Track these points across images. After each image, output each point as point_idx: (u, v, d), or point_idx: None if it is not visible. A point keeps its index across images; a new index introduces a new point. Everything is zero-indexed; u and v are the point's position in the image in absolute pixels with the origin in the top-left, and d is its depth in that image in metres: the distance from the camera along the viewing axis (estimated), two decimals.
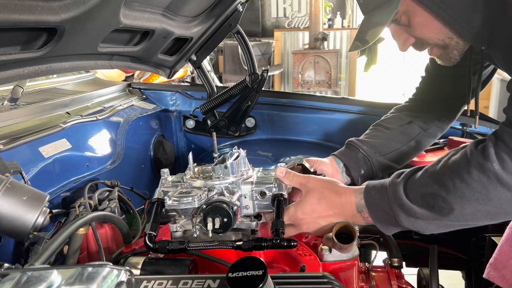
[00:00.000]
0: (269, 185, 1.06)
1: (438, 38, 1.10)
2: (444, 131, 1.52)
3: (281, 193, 1.06)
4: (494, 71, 1.38)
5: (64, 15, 0.98)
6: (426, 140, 1.47)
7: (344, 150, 1.42)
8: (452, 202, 0.89)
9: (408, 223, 0.96)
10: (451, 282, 2.00)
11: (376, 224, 1.02)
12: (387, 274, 1.28)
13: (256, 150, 2.18)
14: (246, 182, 1.07)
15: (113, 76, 4.31)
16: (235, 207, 1.01)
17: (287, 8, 9.53)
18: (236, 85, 2.06)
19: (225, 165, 1.06)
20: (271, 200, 1.06)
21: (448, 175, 0.89)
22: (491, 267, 1.14)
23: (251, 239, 1.00)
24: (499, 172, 0.83)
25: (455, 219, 0.91)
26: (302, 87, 7.28)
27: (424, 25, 1.08)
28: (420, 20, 1.07)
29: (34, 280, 0.62)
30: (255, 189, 1.07)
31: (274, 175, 1.10)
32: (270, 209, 1.07)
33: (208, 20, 1.64)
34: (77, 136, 1.63)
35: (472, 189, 0.86)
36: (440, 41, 1.10)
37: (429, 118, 1.46)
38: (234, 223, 1.01)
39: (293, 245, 0.97)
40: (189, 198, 1.00)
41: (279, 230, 0.99)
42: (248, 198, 1.07)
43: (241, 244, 0.99)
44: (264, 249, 0.98)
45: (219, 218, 0.98)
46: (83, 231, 1.16)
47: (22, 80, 1.59)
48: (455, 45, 1.11)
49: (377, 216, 1.01)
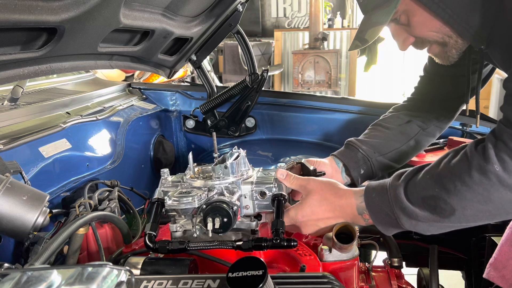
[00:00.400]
0: (269, 185, 1.06)
1: (438, 36, 1.10)
2: (443, 130, 1.52)
3: (281, 193, 1.06)
4: (493, 70, 1.38)
5: (64, 15, 0.98)
6: (425, 139, 1.47)
7: (343, 150, 1.42)
8: (453, 204, 0.89)
9: (409, 225, 0.97)
10: (451, 282, 2.00)
11: (377, 226, 1.02)
12: (387, 274, 1.28)
13: (256, 150, 2.18)
14: (246, 182, 1.07)
15: (113, 76, 4.31)
16: (235, 207, 1.01)
17: (287, 8, 9.52)
18: (236, 85, 2.06)
19: (225, 165, 1.06)
20: (271, 200, 1.06)
21: (449, 177, 0.89)
22: (491, 267, 1.14)
23: (251, 239, 1.00)
24: (501, 174, 0.83)
25: (456, 221, 0.91)
26: (302, 87, 7.28)
27: (424, 24, 1.08)
28: (419, 19, 1.07)
29: (34, 280, 0.62)
30: (255, 189, 1.07)
31: (274, 175, 1.10)
32: (270, 209, 1.07)
33: (208, 20, 1.64)
34: (77, 136, 1.63)
35: (473, 191, 0.86)
36: (440, 39, 1.11)
37: (428, 118, 1.46)
38: (234, 223, 1.01)
39: (293, 245, 0.97)
40: (189, 198, 1.00)
41: (279, 230, 0.99)
42: (248, 198, 1.07)
43: (241, 244, 0.99)
44: (264, 249, 0.98)
45: (219, 218, 0.98)
46: (83, 231, 1.16)
47: (22, 80, 1.59)
48: (454, 44, 1.11)
49: (378, 219, 1.01)
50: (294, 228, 1.09)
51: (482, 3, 1.03)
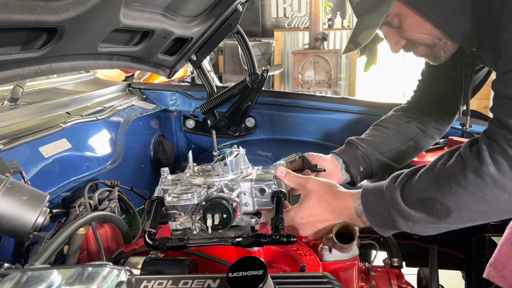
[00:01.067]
0: (268, 182, 1.06)
1: (428, 39, 1.12)
2: (443, 133, 1.53)
3: (280, 190, 1.06)
4: (490, 72, 1.39)
5: (64, 15, 0.98)
6: (425, 141, 1.48)
7: (343, 148, 1.44)
8: (449, 206, 0.90)
9: (406, 227, 0.97)
10: (451, 282, 2.00)
11: (374, 227, 1.03)
12: (387, 274, 1.28)
13: (256, 150, 2.18)
14: (245, 179, 1.08)
15: (113, 76, 4.31)
16: (235, 204, 1.01)
17: (287, 8, 9.52)
18: (236, 85, 2.06)
19: (225, 162, 1.06)
20: (270, 197, 1.06)
21: (445, 179, 0.90)
22: (491, 267, 1.14)
23: (251, 235, 1.00)
24: (496, 175, 0.83)
25: (452, 222, 0.92)
26: (302, 87, 7.28)
27: (415, 27, 1.10)
28: (411, 22, 1.09)
29: (34, 280, 0.62)
30: (255, 186, 1.07)
31: (273, 173, 1.10)
32: (269, 206, 1.07)
33: (208, 20, 1.64)
34: (77, 136, 1.63)
35: (469, 192, 0.86)
36: (430, 41, 1.13)
37: (427, 120, 1.48)
38: (234, 219, 1.01)
39: (292, 240, 0.97)
40: (188, 195, 1.00)
41: (279, 226, 0.99)
42: (247, 195, 1.07)
43: (240, 240, 0.98)
44: (263, 245, 0.98)
45: (219, 214, 0.98)
46: (83, 231, 1.16)
47: (22, 80, 1.59)
48: (443, 45, 1.13)
49: (375, 221, 1.01)
50: (292, 230, 1.09)
51: (472, 6, 1.04)
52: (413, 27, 1.10)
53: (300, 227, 1.08)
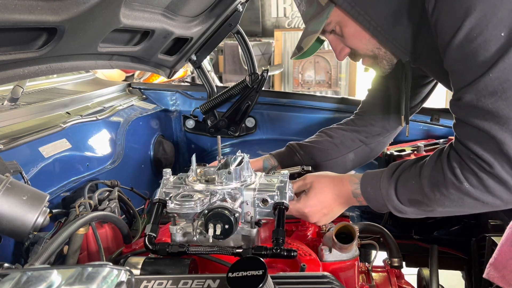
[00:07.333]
0: (271, 193, 1.06)
1: (367, 48, 1.15)
2: (386, 145, 1.59)
3: (282, 201, 1.06)
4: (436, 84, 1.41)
5: (64, 15, 0.98)
6: (366, 154, 1.54)
7: (283, 151, 1.52)
8: (434, 207, 1.05)
9: (399, 214, 1.14)
10: (451, 282, 2.00)
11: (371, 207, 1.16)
12: (387, 274, 1.28)
13: (256, 150, 2.18)
14: (248, 188, 1.08)
15: (113, 76, 4.31)
16: (237, 214, 1.01)
17: (287, 8, 9.51)
18: (236, 85, 2.06)
19: (229, 171, 1.06)
20: (272, 208, 1.06)
21: (430, 188, 1.02)
22: (491, 267, 1.14)
23: (251, 247, 1.00)
24: (470, 189, 0.96)
25: (438, 214, 1.09)
26: (302, 87, 7.28)
27: (355, 36, 1.13)
28: (350, 31, 1.12)
29: (34, 280, 0.62)
30: (257, 196, 1.07)
31: (276, 182, 1.10)
32: (271, 217, 1.08)
33: (208, 20, 1.64)
34: (77, 136, 1.63)
35: (449, 199, 1.00)
36: (370, 51, 1.15)
37: (371, 133, 1.51)
38: (235, 230, 1.01)
39: (292, 255, 0.98)
40: (191, 203, 1.00)
41: (279, 239, 0.99)
42: (250, 205, 1.07)
43: (241, 252, 0.99)
44: (263, 257, 0.98)
45: (221, 224, 0.98)
46: (83, 231, 1.16)
47: (22, 80, 1.59)
48: (383, 55, 1.16)
49: (373, 205, 1.14)
50: (303, 217, 1.19)
51: (406, 16, 1.06)
52: (353, 36, 1.13)
53: (310, 214, 1.16)
